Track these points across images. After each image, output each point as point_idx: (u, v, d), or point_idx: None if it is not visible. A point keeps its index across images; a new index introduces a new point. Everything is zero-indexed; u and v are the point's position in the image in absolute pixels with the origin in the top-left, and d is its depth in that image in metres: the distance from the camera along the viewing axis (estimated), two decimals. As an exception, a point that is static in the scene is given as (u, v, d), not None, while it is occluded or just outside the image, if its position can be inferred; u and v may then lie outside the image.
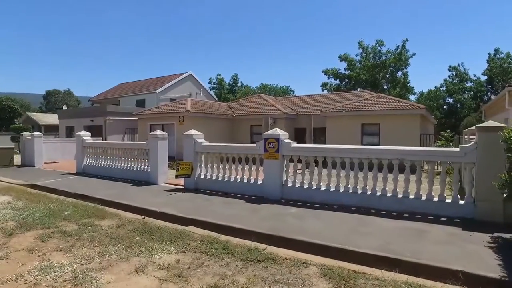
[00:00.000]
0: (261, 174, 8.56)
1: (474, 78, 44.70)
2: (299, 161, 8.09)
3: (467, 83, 45.05)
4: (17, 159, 18.57)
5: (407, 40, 35.72)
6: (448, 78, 45.34)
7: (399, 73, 38.24)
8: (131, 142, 12.38)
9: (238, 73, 66.67)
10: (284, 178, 8.25)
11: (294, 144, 8.19)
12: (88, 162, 13.24)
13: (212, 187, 9.26)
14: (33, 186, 10.82)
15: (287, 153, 8.22)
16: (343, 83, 42.25)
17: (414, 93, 45.04)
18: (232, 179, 8.98)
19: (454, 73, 45.82)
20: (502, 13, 58.01)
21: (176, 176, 9.25)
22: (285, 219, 6.27)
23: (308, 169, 7.89)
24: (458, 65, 45.30)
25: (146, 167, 11.05)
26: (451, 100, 44.86)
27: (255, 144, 8.74)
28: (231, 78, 55.21)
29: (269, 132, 8.44)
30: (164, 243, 5.14)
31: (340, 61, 41.46)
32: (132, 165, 11.51)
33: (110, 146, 12.37)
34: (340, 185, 7.40)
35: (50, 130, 35.41)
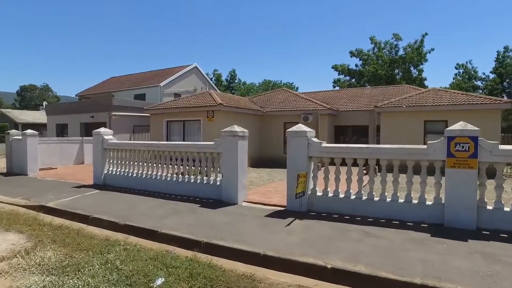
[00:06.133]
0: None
1: (483, 76, 43.58)
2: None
3: (476, 81, 43.89)
4: (1, 164, 14.52)
5: (426, 34, 33.74)
6: (457, 76, 43.95)
7: (413, 69, 36.23)
8: (188, 143, 8.94)
9: (235, 68, 63.12)
10: (478, 197, 5.21)
11: (503, 147, 5.15)
12: (112, 170, 9.62)
13: (337, 209, 6.10)
14: (44, 208, 7.19)
15: (487, 159, 5.18)
16: (353, 79, 39.86)
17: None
18: (391, 199, 5.87)
19: (462, 71, 44.53)
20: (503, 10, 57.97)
21: (297, 195, 5.95)
22: None
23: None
24: (466, 62, 44.04)
25: (217, 178, 7.66)
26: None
27: (425, 147, 5.62)
28: (229, 74, 51.69)
29: (456, 128, 5.34)
30: None
31: (351, 56, 38.99)
32: (191, 176, 8.06)
33: (150, 148, 8.81)
34: None
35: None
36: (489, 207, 5.20)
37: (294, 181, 6.33)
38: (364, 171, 6.63)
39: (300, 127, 6.54)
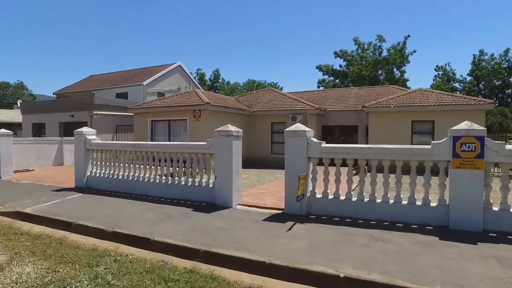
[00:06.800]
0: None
1: (461, 78, 44.98)
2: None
3: (454, 83, 45.24)
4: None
5: (408, 36, 34.39)
6: (437, 78, 45.16)
7: (396, 70, 36.86)
8: (179, 143, 8.48)
9: (218, 68, 62.22)
10: (484, 198, 5.09)
11: (509, 147, 5.04)
12: (96, 172, 9.05)
13: (337, 212, 5.88)
14: (20, 215, 6.60)
15: (493, 160, 5.07)
16: (338, 80, 40.17)
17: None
18: (394, 201, 5.68)
19: (441, 73, 45.80)
20: (486, 14, 59.96)
21: (298, 198, 5.66)
22: None
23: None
24: (445, 65, 45.35)
25: (209, 180, 7.28)
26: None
27: (429, 147, 5.45)
28: (212, 74, 51.06)
29: (462, 127, 5.19)
30: None
31: (335, 57, 39.29)
32: (181, 178, 7.64)
33: (138, 149, 8.31)
34: None
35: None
36: (495, 209, 5.09)
37: (292, 183, 6.05)
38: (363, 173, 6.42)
39: (299, 126, 6.27)
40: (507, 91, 43.25)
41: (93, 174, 9.08)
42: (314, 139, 6.16)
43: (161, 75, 27.67)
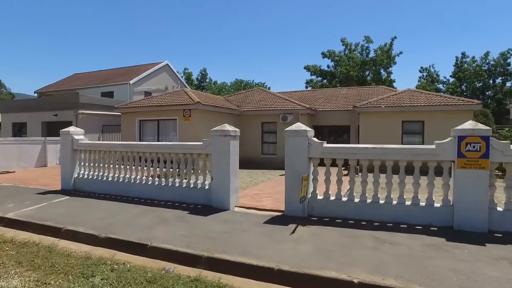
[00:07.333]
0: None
1: (444, 80, 46.00)
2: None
3: (438, 84, 46.22)
4: None
5: (395, 37, 34.87)
6: (421, 79, 46.03)
7: (383, 71, 37.31)
8: (173, 143, 8.19)
9: (205, 67, 61.52)
10: (488, 198, 5.03)
11: (514, 145, 5.00)
12: (84, 174, 8.64)
13: (339, 213, 5.75)
14: (3, 221, 6.19)
15: (498, 160, 5.03)
16: (325, 80, 40.34)
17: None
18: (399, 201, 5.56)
19: (426, 74, 46.74)
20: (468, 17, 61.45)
21: (301, 199, 5.47)
22: None
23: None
24: (430, 66, 46.30)
25: (205, 182, 7.01)
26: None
27: (433, 147, 5.36)
28: (199, 73, 50.47)
29: (467, 127, 5.13)
30: None
31: (323, 57, 39.41)
32: (176, 179, 7.34)
33: (129, 149, 7.95)
34: None
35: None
36: (499, 209, 5.05)
37: (293, 184, 5.88)
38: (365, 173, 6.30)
39: (300, 125, 6.10)
40: (487, 93, 44.53)
41: (81, 176, 8.66)
42: (315, 139, 6.00)
43: (148, 74, 27.07)
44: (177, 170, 7.40)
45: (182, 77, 47.14)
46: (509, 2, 58.26)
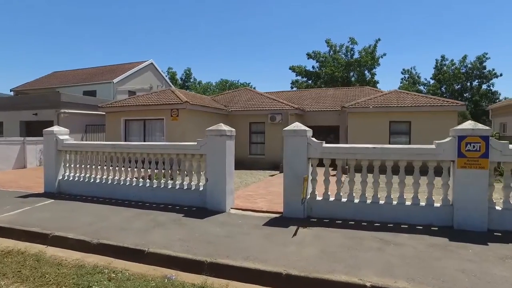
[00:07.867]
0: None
1: (425, 82, 47.23)
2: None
3: (419, 85, 47.41)
4: None
5: (379, 39, 35.50)
6: (404, 81, 47.08)
7: (367, 72, 37.91)
8: (166, 143, 7.90)
9: (189, 67, 60.60)
10: (487, 198, 5.07)
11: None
12: (69, 176, 8.24)
13: (339, 214, 5.67)
14: (-16, 226, 5.74)
15: (497, 159, 5.07)
16: (310, 81, 40.60)
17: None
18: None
19: (407, 76, 47.84)
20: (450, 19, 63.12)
21: (302, 200, 5.35)
22: None
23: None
24: (411, 68, 47.42)
25: (199, 183, 6.79)
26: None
27: (433, 147, 5.35)
28: (184, 73, 49.76)
29: (467, 127, 5.15)
30: None
31: (308, 58, 39.67)
32: (169, 180, 7.08)
33: (118, 150, 7.62)
34: None
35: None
36: (498, 208, 5.10)
37: (292, 185, 5.77)
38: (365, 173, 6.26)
39: (298, 125, 5.99)
40: (465, 95, 46.04)
41: (66, 178, 8.25)
42: (315, 139, 5.90)
43: (132, 73, 26.41)
44: (170, 171, 7.15)
45: (166, 76, 46.45)
46: (488, 7, 60.59)
